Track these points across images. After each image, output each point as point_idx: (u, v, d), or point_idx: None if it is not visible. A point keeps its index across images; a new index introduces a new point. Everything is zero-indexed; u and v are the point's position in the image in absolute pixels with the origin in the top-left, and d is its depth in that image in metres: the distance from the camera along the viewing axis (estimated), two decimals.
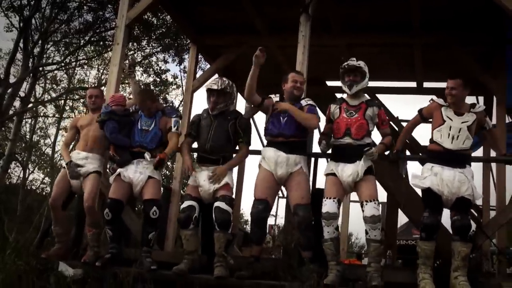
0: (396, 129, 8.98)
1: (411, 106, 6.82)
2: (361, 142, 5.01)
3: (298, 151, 5.20)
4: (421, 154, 7.89)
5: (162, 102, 21.12)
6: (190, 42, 9.30)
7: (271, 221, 15.17)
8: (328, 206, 4.93)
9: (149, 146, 5.44)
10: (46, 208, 17.98)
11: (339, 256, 5.04)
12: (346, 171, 4.97)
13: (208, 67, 10.16)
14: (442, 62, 7.93)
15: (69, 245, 5.71)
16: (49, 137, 24.47)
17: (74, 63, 20.49)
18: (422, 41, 7.49)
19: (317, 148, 5.45)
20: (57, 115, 22.43)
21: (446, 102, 5.04)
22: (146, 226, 5.30)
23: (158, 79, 20.14)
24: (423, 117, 5.24)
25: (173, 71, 58.49)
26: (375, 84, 9.10)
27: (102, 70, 22.10)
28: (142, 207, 5.39)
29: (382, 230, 4.85)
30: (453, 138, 4.89)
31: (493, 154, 7.11)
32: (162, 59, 19.56)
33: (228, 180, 5.25)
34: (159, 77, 20.10)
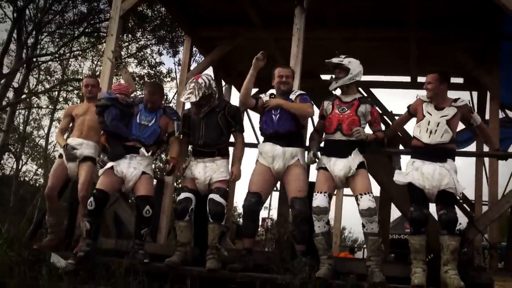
0: (390, 123, 9.00)
1: (405, 100, 6.82)
2: (352, 138, 5.02)
3: (295, 144, 5.20)
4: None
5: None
6: (184, 34, 9.27)
7: (265, 214, 15.21)
8: (318, 200, 4.94)
9: (146, 141, 5.37)
10: (40, 199, 18.01)
11: (331, 250, 5.05)
12: (338, 166, 4.98)
13: (202, 59, 10.13)
14: (436, 57, 7.94)
15: (61, 236, 5.71)
16: (42, 128, 24.44)
17: (68, 54, 20.39)
18: (418, 35, 7.49)
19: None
20: (50, 106, 22.34)
21: (428, 98, 5.12)
22: (139, 222, 5.23)
23: (152, 72, 20.07)
24: (410, 113, 5.29)
25: (167, 64, 58.38)
26: (370, 78, 9.12)
27: (96, 62, 22.05)
28: (135, 203, 5.29)
29: (378, 223, 4.85)
30: (430, 133, 4.94)
31: (486, 149, 7.14)
32: (157, 51, 19.54)
33: (225, 172, 5.24)
34: (154, 69, 20.04)
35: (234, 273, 4.82)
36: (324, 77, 9.25)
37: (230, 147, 5.52)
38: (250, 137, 9.57)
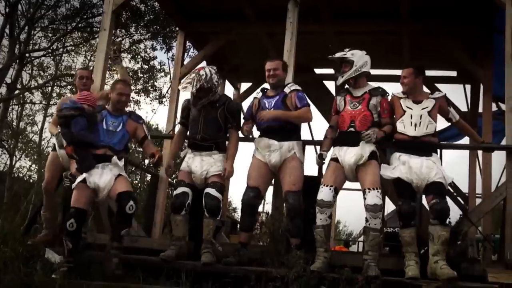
0: None
1: None
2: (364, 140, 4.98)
3: (291, 137, 5.20)
4: None
5: (150, 89, 21.09)
6: (178, 29, 9.24)
7: (259, 208, 15.18)
8: (323, 193, 4.93)
9: (116, 147, 5.16)
10: (34, 195, 17.96)
11: (329, 243, 5.06)
12: (349, 153, 4.96)
13: (196, 54, 10.11)
14: (429, 51, 7.94)
15: (56, 231, 5.69)
16: (36, 124, 24.38)
17: (61, 50, 20.31)
18: (410, 29, 7.49)
19: (303, 135, 5.46)
20: (44, 102, 22.28)
21: (404, 94, 5.16)
22: (119, 221, 4.98)
23: (146, 66, 20.02)
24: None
25: (161, 59, 58.09)
26: None
27: (89, 57, 21.96)
28: (117, 201, 4.94)
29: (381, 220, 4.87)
30: (415, 126, 4.99)
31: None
32: (151, 46, 19.48)
33: (222, 166, 5.22)
34: (147, 63, 19.98)
35: (229, 267, 4.83)
36: (317, 71, 9.28)
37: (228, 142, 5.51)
38: None
